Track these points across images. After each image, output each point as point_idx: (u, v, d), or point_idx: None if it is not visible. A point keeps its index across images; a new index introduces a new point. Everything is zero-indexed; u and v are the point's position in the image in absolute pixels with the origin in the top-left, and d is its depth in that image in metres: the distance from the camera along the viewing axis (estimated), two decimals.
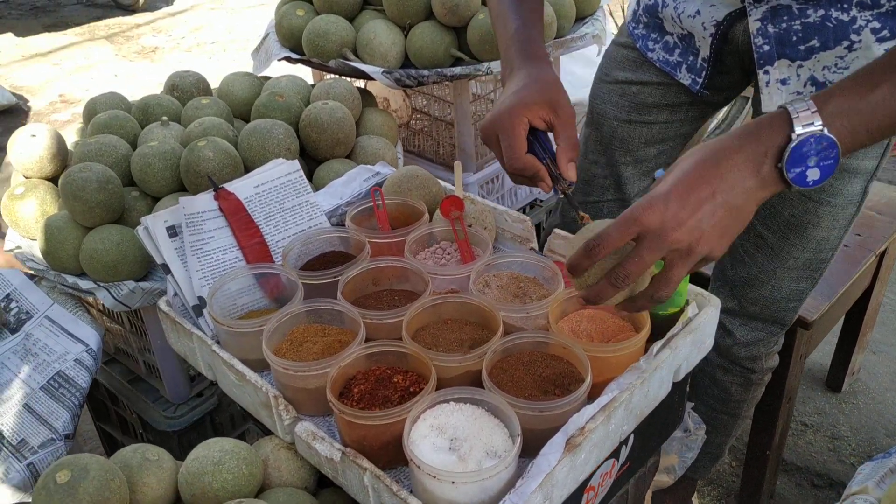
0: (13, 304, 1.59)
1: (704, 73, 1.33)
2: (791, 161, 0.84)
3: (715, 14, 1.24)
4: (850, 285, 1.76)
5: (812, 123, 0.83)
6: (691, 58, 1.34)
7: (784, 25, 1.17)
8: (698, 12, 1.26)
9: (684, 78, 1.37)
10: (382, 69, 1.83)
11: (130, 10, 6.13)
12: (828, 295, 1.68)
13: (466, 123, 1.98)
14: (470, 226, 1.27)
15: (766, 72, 1.21)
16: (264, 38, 2.09)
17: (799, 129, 0.83)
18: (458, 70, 1.82)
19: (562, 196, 1.07)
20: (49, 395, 1.40)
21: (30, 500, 1.25)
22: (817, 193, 1.26)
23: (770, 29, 1.18)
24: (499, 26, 1.20)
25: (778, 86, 1.21)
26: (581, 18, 2.07)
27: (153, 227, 1.24)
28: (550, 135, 1.09)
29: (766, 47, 1.20)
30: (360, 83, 2.08)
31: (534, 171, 1.05)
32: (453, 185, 1.36)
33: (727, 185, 0.84)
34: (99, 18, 5.99)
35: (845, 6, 1.12)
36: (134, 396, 1.73)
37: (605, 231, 0.85)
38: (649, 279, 0.90)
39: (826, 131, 0.83)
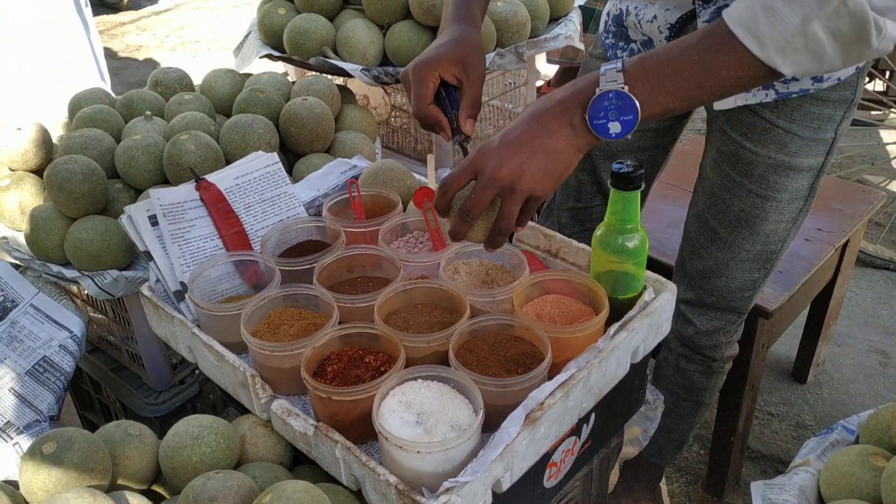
0: None
1: None
2: (592, 113, 0.95)
3: (668, 17, 1.30)
4: (811, 277, 1.83)
5: (616, 82, 0.94)
6: None
7: None
8: (655, 17, 1.32)
9: None
10: (361, 67, 1.88)
11: (115, 8, 6.15)
12: (787, 286, 1.75)
13: None
14: None
15: None
16: (246, 36, 2.14)
17: (603, 84, 0.94)
18: None
19: (458, 146, 1.18)
20: (34, 380, 1.44)
21: (15, 479, 1.29)
22: (765, 190, 1.33)
23: None
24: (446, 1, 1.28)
25: None
26: (555, 19, 2.14)
27: (136, 215, 1.28)
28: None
29: None
30: (340, 80, 2.13)
31: (435, 121, 1.16)
32: (427, 177, 1.42)
33: (545, 132, 0.97)
34: None
35: None
36: (117, 384, 1.77)
37: (450, 173, 1.00)
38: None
39: (626, 90, 0.93)
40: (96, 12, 6.06)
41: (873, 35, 0.87)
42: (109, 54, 5.28)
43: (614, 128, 0.95)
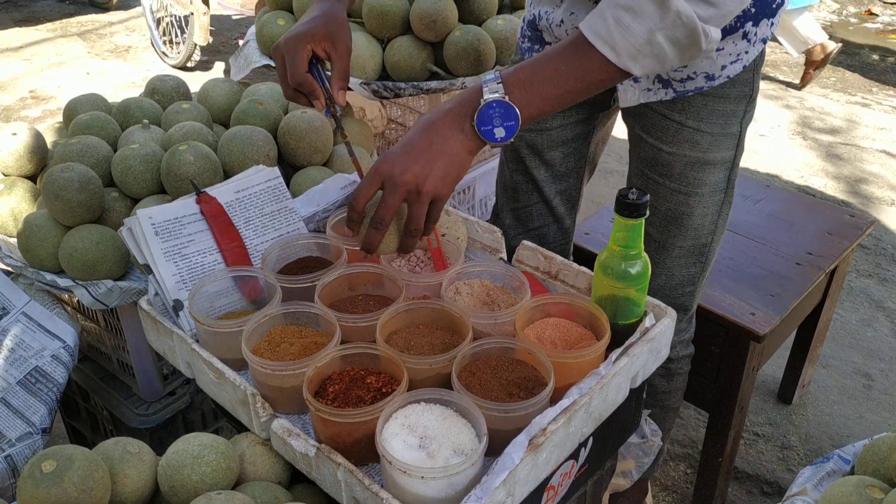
0: None
1: None
2: (479, 120, 1.05)
3: (575, 21, 1.36)
4: (801, 301, 1.85)
5: (496, 92, 1.05)
6: None
7: None
8: (562, 21, 1.38)
9: None
10: (361, 80, 1.88)
11: (104, 8, 6.10)
12: (779, 310, 1.77)
13: None
14: (443, 235, 1.33)
15: None
16: (244, 45, 2.14)
17: (486, 95, 1.05)
18: (433, 84, 1.88)
19: (332, 117, 1.26)
20: (26, 390, 1.42)
21: (7, 494, 1.28)
22: (686, 186, 1.40)
23: None
24: None
25: (631, 82, 1.36)
26: None
27: (137, 226, 1.27)
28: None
29: None
30: None
31: (310, 89, 1.23)
32: None
33: (441, 138, 1.06)
34: (71, 15, 5.95)
35: None
36: (107, 394, 1.76)
37: (358, 186, 1.07)
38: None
39: (506, 98, 1.05)
40: (84, 11, 6.03)
41: (702, 39, 1.04)
42: (97, 55, 5.24)
43: (499, 132, 1.06)
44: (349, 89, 1.26)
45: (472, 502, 0.91)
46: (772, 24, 1.30)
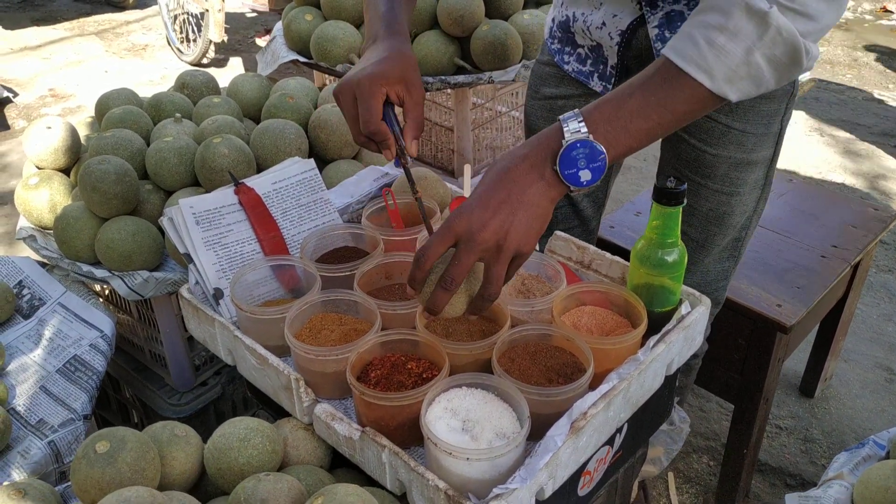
0: (25, 291, 1.64)
1: (613, 79, 1.43)
2: (563, 163, 0.96)
3: (619, 24, 1.34)
4: (827, 293, 1.86)
5: (579, 131, 0.96)
6: (601, 66, 1.43)
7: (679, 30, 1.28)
8: (604, 24, 1.36)
9: (596, 85, 1.46)
10: None
11: (120, 7, 6.15)
12: (805, 302, 1.78)
13: (466, 129, 2.06)
14: None
15: None
16: (271, 41, 2.16)
17: (568, 136, 0.96)
18: (460, 78, 1.90)
19: (402, 167, 1.17)
20: (66, 378, 1.45)
21: (52, 477, 1.30)
22: (728, 187, 1.39)
23: (667, 34, 1.29)
24: (370, 7, 1.26)
25: None
26: None
27: (178, 215, 1.29)
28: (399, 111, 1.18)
29: None
30: None
31: (384, 138, 1.13)
32: (457, 186, 1.44)
33: (519, 189, 0.97)
34: (88, 14, 6.00)
35: None
36: (139, 384, 1.78)
37: (426, 243, 0.97)
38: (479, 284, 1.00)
39: (591, 137, 0.96)
40: (101, 10, 6.07)
41: (803, 57, 0.96)
42: (115, 53, 5.28)
43: (585, 175, 0.97)
44: (415, 137, 1.16)
45: (517, 483, 0.93)
46: None
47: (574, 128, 0.96)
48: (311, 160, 1.44)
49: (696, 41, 0.96)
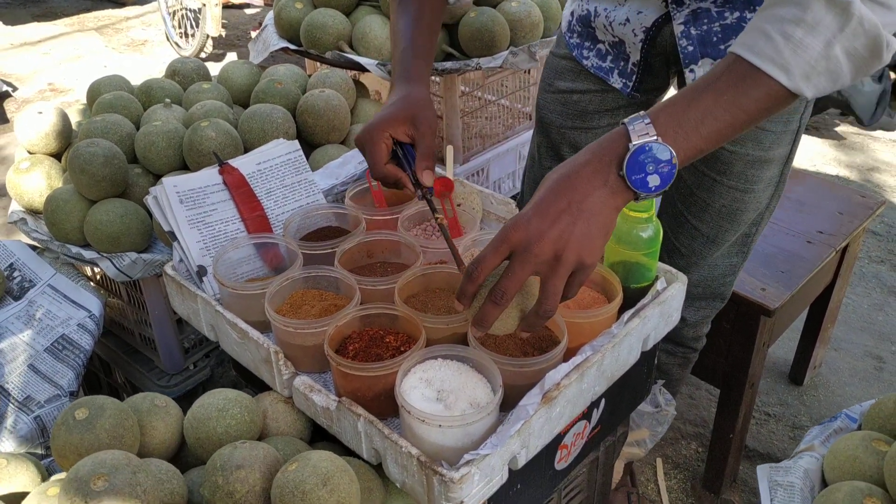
0: (16, 273, 1.66)
1: (635, 76, 1.42)
2: (630, 168, 0.91)
3: (643, 21, 1.33)
4: (811, 278, 1.87)
5: (647, 134, 0.92)
6: (622, 63, 1.43)
7: (705, 27, 1.28)
8: (628, 20, 1.34)
9: (616, 82, 1.45)
10: (376, 61, 1.92)
11: (120, 3, 6.18)
12: (789, 286, 1.79)
13: (455, 117, 2.07)
14: (459, 205, 1.36)
15: (692, 70, 1.32)
16: (262, 29, 2.18)
17: (636, 140, 0.92)
18: (448, 65, 1.92)
19: (423, 199, 1.18)
20: (53, 357, 1.47)
21: (38, 451, 1.32)
22: (744, 184, 1.38)
23: (693, 31, 1.29)
24: (393, 43, 1.30)
25: None
26: None
27: (162, 194, 1.31)
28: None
29: (690, 48, 1.30)
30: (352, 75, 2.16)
31: (395, 179, 1.18)
32: (442, 168, 1.45)
33: (580, 196, 0.92)
34: (88, 10, 6.03)
35: (758, 8, 1.23)
36: (129, 367, 1.80)
37: (480, 255, 0.93)
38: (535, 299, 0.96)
39: (660, 140, 0.91)
40: (100, 6, 6.10)
41: (885, 49, 0.91)
42: (114, 49, 5.31)
43: (653, 181, 0.92)
44: (427, 167, 1.20)
45: (488, 449, 0.94)
46: None
47: (641, 130, 0.92)
48: (296, 141, 1.46)
49: (771, 36, 0.90)
